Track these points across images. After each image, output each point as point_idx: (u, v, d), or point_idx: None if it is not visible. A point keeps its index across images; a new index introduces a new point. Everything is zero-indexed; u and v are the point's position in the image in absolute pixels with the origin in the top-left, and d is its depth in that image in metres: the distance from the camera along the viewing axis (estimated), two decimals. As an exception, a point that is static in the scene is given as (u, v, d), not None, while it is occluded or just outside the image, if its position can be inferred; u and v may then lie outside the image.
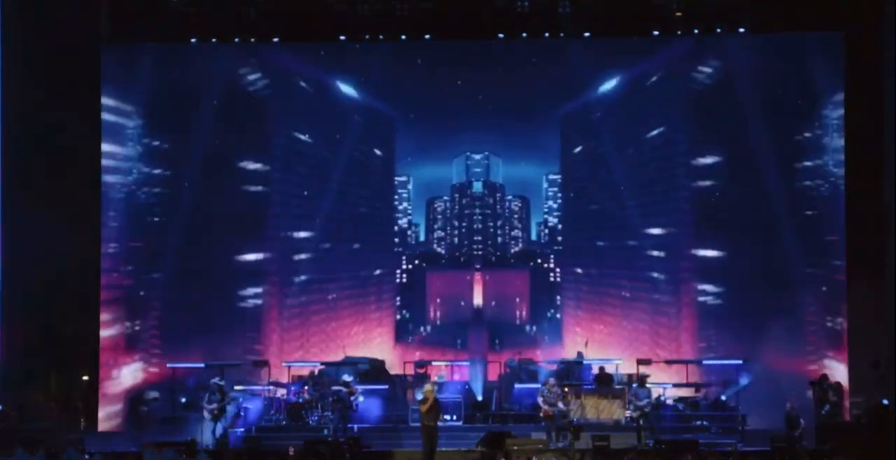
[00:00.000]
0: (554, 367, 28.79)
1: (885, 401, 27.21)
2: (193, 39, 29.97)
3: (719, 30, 29.66)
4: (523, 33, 29.85)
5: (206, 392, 26.14)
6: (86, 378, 29.60)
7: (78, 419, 28.58)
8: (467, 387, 28.87)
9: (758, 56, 29.74)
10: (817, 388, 26.75)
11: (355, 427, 26.46)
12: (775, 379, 28.10)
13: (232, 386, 27.17)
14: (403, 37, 29.93)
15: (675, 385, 28.45)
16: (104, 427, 29.09)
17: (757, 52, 29.80)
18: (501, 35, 29.82)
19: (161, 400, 28.24)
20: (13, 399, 27.85)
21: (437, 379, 28.58)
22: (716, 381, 28.62)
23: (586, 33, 29.71)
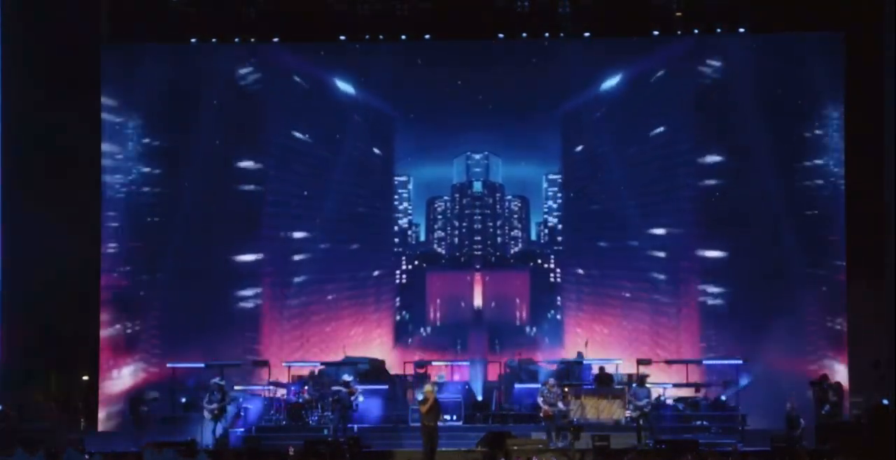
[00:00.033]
0: (554, 367, 28.77)
1: (885, 401, 27.17)
2: (193, 39, 29.96)
3: (719, 30, 29.64)
4: (523, 33, 29.84)
5: (206, 392, 26.11)
6: (86, 378, 29.57)
7: (78, 419, 28.55)
8: (467, 387, 28.83)
9: (758, 56, 29.75)
10: (817, 388, 26.70)
11: (355, 427, 26.42)
12: (775, 379, 28.09)
13: (232, 386, 27.17)
14: (403, 37, 29.92)
15: (675, 385, 28.43)
16: (104, 427, 29.10)
17: (757, 52, 29.81)
18: (501, 35, 29.80)
19: (161, 400, 28.17)
20: (13, 399, 27.80)
21: (437, 379, 28.53)
22: (716, 381, 28.61)
23: (586, 33, 29.70)
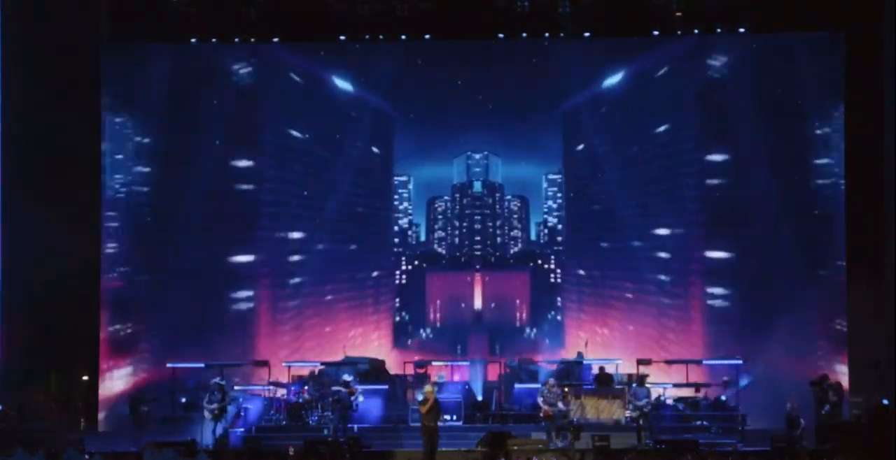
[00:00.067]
0: (554, 367, 28.77)
1: (885, 401, 27.16)
2: (193, 39, 29.93)
3: (719, 30, 29.62)
4: (523, 33, 29.81)
5: (206, 392, 26.10)
6: (86, 378, 29.54)
7: (78, 419, 28.52)
8: (467, 387, 28.83)
9: (758, 56, 29.75)
10: (817, 388, 26.69)
11: (355, 427, 26.40)
12: (775, 379, 28.08)
13: (232, 386, 27.17)
14: (403, 37, 29.90)
15: (675, 385, 28.42)
16: (104, 427, 29.08)
17: (757, 52, 29.81)
18: (501, 35, 29.78)
19: (161, 400, 28.18)
20: (13, 399, 27.76)
21: (437, 379, 28.53)
22: (716, 381, 28.58)
23: (586, 33, 29.68)
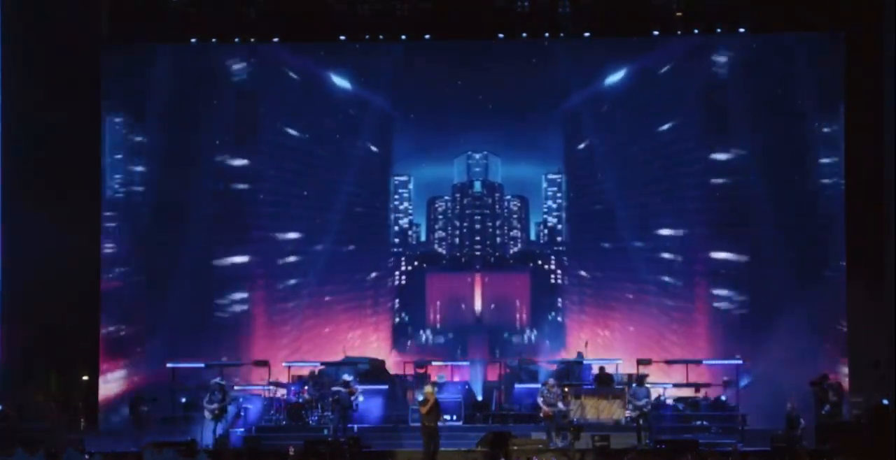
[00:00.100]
0: (554, 367, 28.76)
1: (885, 401, 27.16)
2: (193, 39, 29.93)
3: (719, 30, 29.62)
4: (523, 33, 29.80)
5: (206, 392, 26.11)
6: (86, 378, 29.54)
7: (78, 419, 28.49)
8: (467, 388, 28.82)
9: (758, 56, 29.75)
10: (817, 388, 26.69)
11: (355, 427, 26.40)
12: (775, 379, 28.07)
13: (232, 386, 27.17)
14: (403, 37, 29.90)
15: (674, 385, 28.42)
16: (104, 427, 29.06)
17: (757, 52, 29.80)
18: (501, 35, 29.78)
19: (161, 400, 28.18)
20: (13, 399, 27.78)
21: (437, 379, 28.51)
22: (716, 381, 28.57)
23: (586, 33, 29.68)
